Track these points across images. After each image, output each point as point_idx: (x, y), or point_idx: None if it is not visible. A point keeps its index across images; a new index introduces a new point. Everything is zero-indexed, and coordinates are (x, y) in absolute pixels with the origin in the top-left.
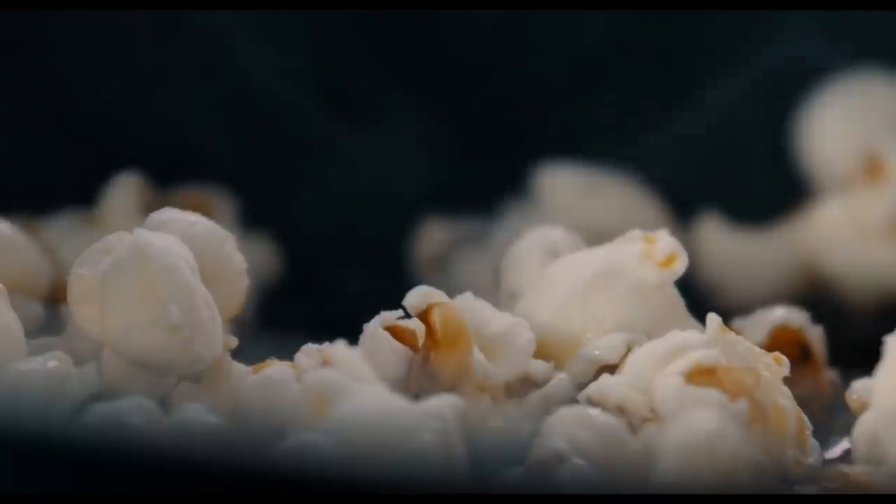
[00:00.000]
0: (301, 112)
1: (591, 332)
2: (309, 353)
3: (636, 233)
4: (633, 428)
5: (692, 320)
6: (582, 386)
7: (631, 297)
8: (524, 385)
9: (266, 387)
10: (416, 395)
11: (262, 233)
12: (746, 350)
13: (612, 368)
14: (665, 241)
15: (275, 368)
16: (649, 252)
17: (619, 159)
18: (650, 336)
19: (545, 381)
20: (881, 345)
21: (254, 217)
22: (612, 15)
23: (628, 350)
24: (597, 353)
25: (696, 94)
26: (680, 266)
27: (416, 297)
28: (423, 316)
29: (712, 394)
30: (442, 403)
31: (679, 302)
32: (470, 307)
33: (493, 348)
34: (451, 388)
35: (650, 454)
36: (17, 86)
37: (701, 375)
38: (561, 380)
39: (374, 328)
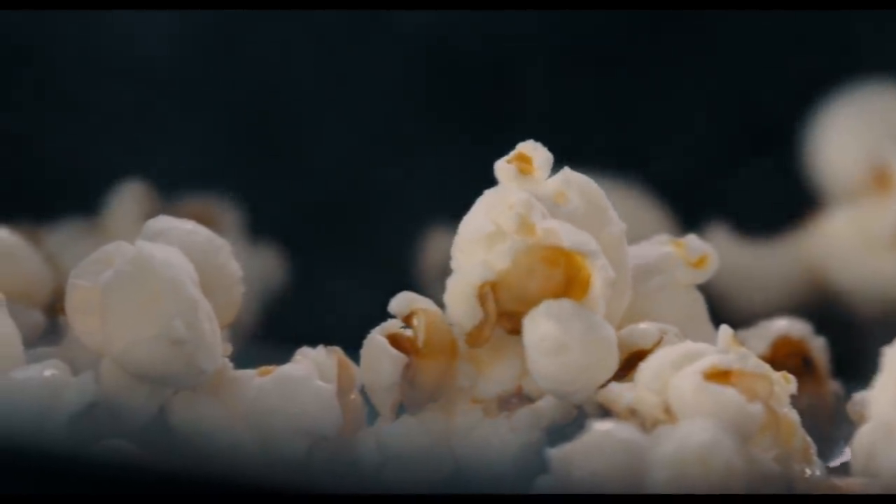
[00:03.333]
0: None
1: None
2: (305, 354)
3: (663, 237)
4: (645, 430)
5: (711, 327)
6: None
7: (659, 293)
8: (519, 401)
9: (284, 385)
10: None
11: (267, 242)
12: (756, 364)
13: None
14: (696, 242)
15: (290, 367)
16: (680, 253)
17: (624, 167)
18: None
19: (539, 398)
20: None
21: (258, 226)
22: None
23: (661, 339)
24: (633, 338)
25: (703, 102)
26: (711, 266)
27: (400, 302)
28: (408, 322)
29: (731, 393)
30: None
31: (703, 306)
32: None
33: (487, 361)
34: (433, 395)
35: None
36: (22, 91)
37: (716, 378)
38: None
39: (374, 335)
